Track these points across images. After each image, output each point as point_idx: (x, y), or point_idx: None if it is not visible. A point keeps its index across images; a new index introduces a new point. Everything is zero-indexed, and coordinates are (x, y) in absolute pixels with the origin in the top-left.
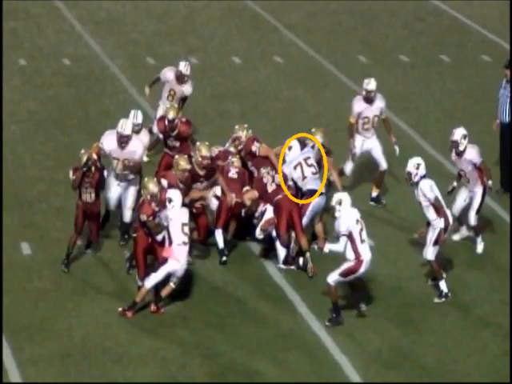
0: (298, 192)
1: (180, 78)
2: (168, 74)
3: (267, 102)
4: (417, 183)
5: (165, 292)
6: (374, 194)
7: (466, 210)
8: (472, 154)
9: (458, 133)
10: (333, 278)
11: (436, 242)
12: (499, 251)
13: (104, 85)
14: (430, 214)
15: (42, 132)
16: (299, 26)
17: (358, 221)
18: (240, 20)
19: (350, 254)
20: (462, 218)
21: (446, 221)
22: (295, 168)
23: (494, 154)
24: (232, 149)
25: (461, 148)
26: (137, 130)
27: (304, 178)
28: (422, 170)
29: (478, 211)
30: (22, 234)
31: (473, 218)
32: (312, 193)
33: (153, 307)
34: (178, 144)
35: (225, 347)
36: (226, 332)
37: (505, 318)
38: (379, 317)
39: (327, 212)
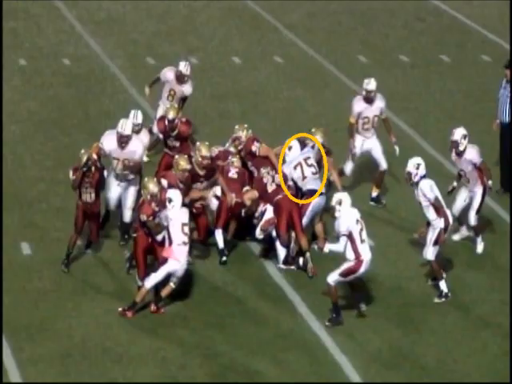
0: (298, 192)
1: (180, 78)
2: (168, 74)
3: (267, 102)
4: (417, 183)
5: (165, 292)
6: (374, 193)
7: (465, 210)
8: (472, 154)
9: (458, 133)
10: (333, 278)
11: (436, 242)
12: (499, 251)
13: (104, 85)
14: (430, 213)
15: (42, 132)
16: (299, 26)
17: (357, 221)
18: (240, 20)
19: (350, 254)
20: (461, 218)
21: (446, 221)
22: (295, 168)
23: (494, 154)
24: (232, 149)
25: (461, 148)
26: (137, 130)
27: (304, 177)
28: (422, 170)
29: (478, 211)
30: (22, 233)
31: (473, 218)
32: (312, 193)
33: (153, 307)
34: (177, 144)
35: (225, 347)
36: (225, 332)
37: (505, 318)
38: (379, 317)
39: (327, 212)
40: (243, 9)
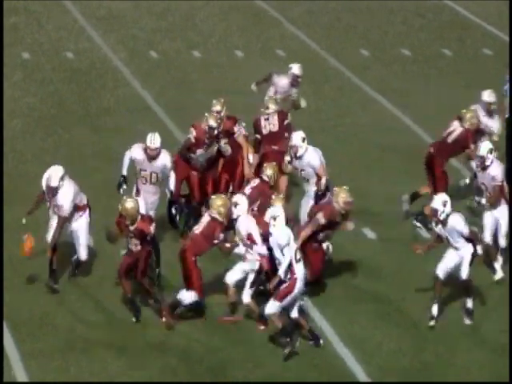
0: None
1: (294, 82)
2: (282, 81)
3: None
4: (444, 221)
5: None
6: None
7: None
8: (496, 171)
9: (485, 147)
10: (271, 307)
11: (471, 263)
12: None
13: (104, 80)
14: (460, 243)
15: (42, 128)
16: (300, 21)
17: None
18: (241, 14)
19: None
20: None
21: (480, 242)
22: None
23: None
24: (212, 122)
25: (487, 163)
26: (155, 154)
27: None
28: (449, 208)
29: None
30: (22, 229)
31: (503, 241)
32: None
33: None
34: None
35: (225, 343)
36: (226, 328)
37: (504, 314)
38: (380, 312)
39: None
40: (244, 3)
